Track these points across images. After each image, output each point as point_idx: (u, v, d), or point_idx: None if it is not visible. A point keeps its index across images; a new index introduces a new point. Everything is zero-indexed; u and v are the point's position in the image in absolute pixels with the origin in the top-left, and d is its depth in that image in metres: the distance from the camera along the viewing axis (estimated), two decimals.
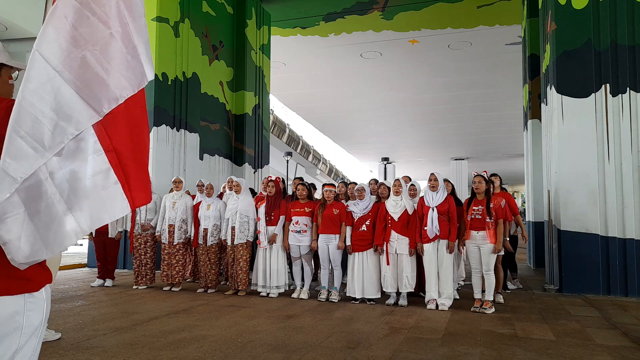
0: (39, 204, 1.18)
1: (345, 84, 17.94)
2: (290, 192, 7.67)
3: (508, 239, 5.97)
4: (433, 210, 5.77)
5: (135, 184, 1.30)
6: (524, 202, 13.74)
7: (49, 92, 1.19)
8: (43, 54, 1.20)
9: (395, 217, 5.98)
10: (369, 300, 6.13)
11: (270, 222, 6.49)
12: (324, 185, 6.67)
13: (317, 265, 6.97)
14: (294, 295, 6.48)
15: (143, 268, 7.18)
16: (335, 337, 4.38)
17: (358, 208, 6.23)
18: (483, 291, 5.71)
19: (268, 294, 6.47)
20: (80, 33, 1.22)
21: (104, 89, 1.23)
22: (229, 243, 6.62)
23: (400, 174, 29.11)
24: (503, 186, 7.15)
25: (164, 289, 7.05)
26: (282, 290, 6.54)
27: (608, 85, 7.15)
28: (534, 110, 10.66)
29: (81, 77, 1.22)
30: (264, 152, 13.30)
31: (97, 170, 1.23)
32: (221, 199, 7.23)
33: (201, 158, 10.82)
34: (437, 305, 5.75)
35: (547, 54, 7.93)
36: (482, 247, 5.65)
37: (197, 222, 6.97)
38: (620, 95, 7.10)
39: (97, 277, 7.40)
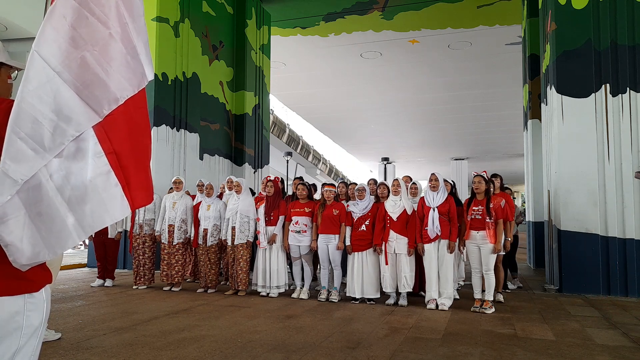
0: (40, 206, 1.17)
1: (345, 84, 17.94)
2: (290, 192, 7.66)
3: (509, 239, 5.97)
4: (434, 210, 5.77)
5: (136, 185, 1.30)
6: (524, 202, 13.73)
7: (48, 93, 1.18)
8: (42, 54, 1.19)
9: (394, 217, 5.98)
10: (369, 300, 6.13)
11: (269, 222, 6.49)
12: (323, 185, 6.67)
13: (317, 265, 6.96)
14: (294, 295, 6.48)
15: (141, 268, 7.18)
16: (335, 337, 4.38)
17: (358, 208, 6.23)
18: (483, 291, 5.72)
19: (268, 294, 6.47)
20: (80, 33, 1.22)
21: (104, 90, 1.23)
22: (229, 243, 6.62)
23: (400, 174, 29.10)
24: (506, 186, 7.13)
25: (164, 289, 7.05)
26: (282, 290, 6.54)
27: (608, 85, 7.15)
28: (534, 110, 10.66)
29: (81, 78, 1.21)
30: (264, 152, 13.30)
31: (98, 172, 1.23)
32: (221, 199, 7.23)
33: (201, 158, 10.82)
34: (437, 305, 5.75)
35: (547, 54, 7.93)
36: (482, 247, 5.65)
37: (197, 222, 6.97)
38: (620, 95, 7.10)
39: (97, 277, 7.40)
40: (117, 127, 1.26)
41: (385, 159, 31.71)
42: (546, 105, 8.15)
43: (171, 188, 7.54)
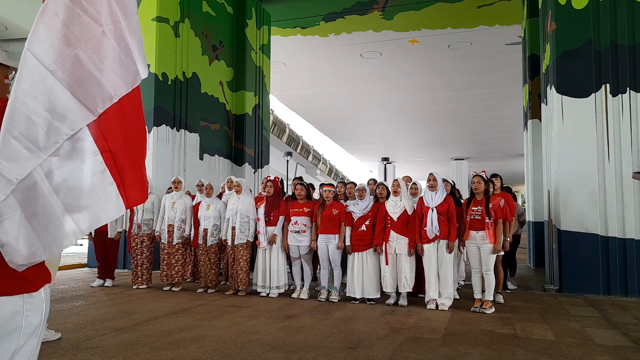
0: (35, 205, 1.17)
1: (345, 84, 17.94)
2: (290, 192, 7.66)
3: (509, 239, 5.96)
4: (432, 210, 5.77)
5: (130, 183, 1.29)
6: (524, 202, 13.74)
7: (42, 92, 1.18)
8: (35, 53, 1.19)
9: (395, 217, 5.98)
10: (369, 300, 6.13)
11: (269, 222, 6.48)
12: (322, 185, 6.67)
13: (317, 265, 6.96)
14: (294, 295, 6.48)
15: (139, 268, 7.18)
16: (335, 337, 4.38)
17: (358, 208, 6.22)
18: (483, 291, 5.72)
19: (268, 294, 6.47)
20: (72, 31, 1.22)
21: (97, 87, 1.23)
22: (229, 243, 6.62)
23: (400, 174, 29.14)
24: (506, 185, 7.11)
25: (164, 289, 7.04)
26: (281, 290, 6.54)
27: (608, 85, 7.14)
28: (534, 110, 10.66)
29: (74, 76, 1.21)
30: (264, 152, 13.29)
31: (94, 171, 1.23)
32: (221, 199, 7.23)
33: (201, 158, 10.82)
34: (437, 305, 5.75)
35: (547, 54, 7.93)
36: (481, 247, 5.65)
37: (196, 222, 6.97)
38: (620, 95, 7.10)
39: (97, 277, 7.40)
40: (112, 126, 1.25)
41: (385, 159, 31.71)
42: (546, 105, 8.15)
43: (170, 188, 7.54)
